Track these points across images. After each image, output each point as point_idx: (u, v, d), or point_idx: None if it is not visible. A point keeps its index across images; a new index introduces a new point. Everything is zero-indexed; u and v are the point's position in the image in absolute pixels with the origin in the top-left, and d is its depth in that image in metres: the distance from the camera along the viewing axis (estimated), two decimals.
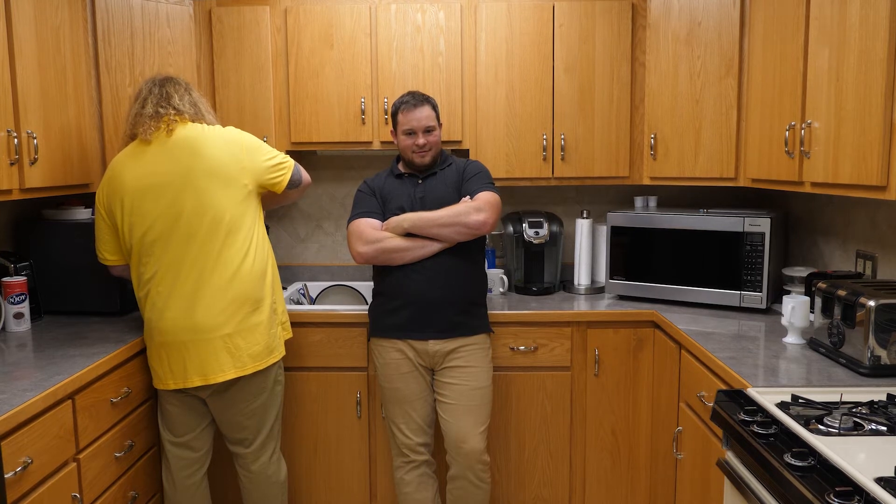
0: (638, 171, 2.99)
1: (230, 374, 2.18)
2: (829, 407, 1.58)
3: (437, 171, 2.48)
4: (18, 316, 2.37)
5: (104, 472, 2.05)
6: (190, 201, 2.14)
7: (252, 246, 2.23)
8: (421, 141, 2.41)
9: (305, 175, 2.43)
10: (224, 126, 2.31)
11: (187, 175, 2.14)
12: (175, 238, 2.15)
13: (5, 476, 1.59)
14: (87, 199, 2.88)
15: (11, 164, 2.13)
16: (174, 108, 2.21)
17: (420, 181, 2.46)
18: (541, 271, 3.11)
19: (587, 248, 3.07)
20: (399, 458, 2.48)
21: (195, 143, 2.17)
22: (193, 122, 2.25)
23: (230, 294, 2.17)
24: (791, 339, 2.19)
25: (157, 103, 2.21)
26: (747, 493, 1.51)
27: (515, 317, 2.72)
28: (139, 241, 2.18)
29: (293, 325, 2.72)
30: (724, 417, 1.66)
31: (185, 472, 2.32)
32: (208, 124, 2.27)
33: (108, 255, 2.34)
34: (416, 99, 2.43)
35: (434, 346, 2.38)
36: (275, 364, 2.31)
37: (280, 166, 2.32)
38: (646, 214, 2.85)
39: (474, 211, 2.31)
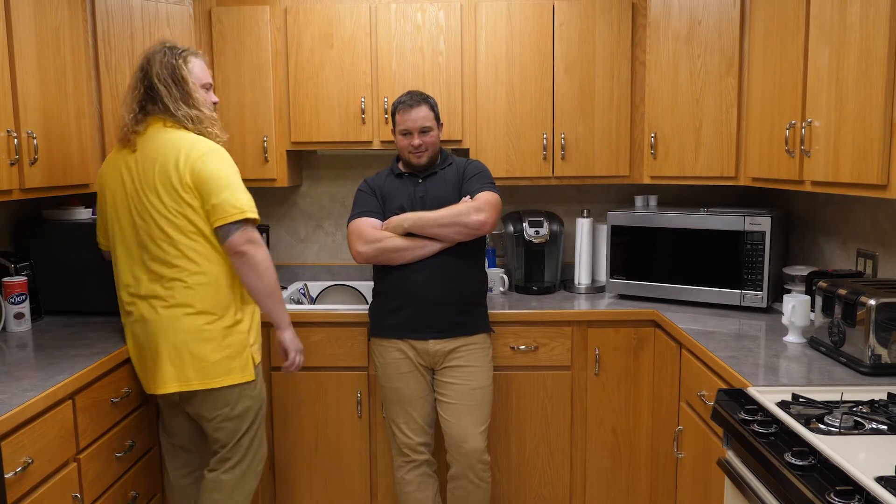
0: (638, 170, 2.99)
1: (171, 388, 2.06)
2: (829, 406, 1.58)
3: (438, 171, 2.47)
4: (19, 316, 2.37)
5: (104, 472, 2.05)
6: (143, 205, 2.05)
7: (207, 258, 2.06)
8: (416, 142, 2.40)
9: (246, 244, 2.05)
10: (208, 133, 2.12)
11: (142, 178, 2.05)
12: (132, 242, 2.08)
13: (6, 476, 1.59)
14: (87, 199, 2.88)
15: (11, 164, 2.13)
16: (141, 109, 2.09)
17: (420, 181, 2.46)
18: (541, 270, 3.11)
19: (587, 247, 3.07)
20: (399, 458, 2.48)
21: (156, 147, 2.05)
22: (165, 122, 2.09)
23: (181, 302, 2.04)
24: (791, 338, 2.19)
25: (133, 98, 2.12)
26: (748, 493, 1.51)
27: (516, 316, 2.72)
28: (111, 240, 2.16)
29: (294, 325, 2.71)
30: (725, 416, 1.66)
31: (181, 472, 2.32)
32: (181, 126, 2.09)
33: (101, 238, 2.29)
34: (414, 99, 2.42)
35: (434, 345, 2.38)
36: (234, 387, 2.12)
37: (218, 207, 2.02)
38: (646, 213, 2.84)
39: (474, 211, 2.31)
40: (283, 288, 3.18)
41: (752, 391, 1.74)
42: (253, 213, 2.06)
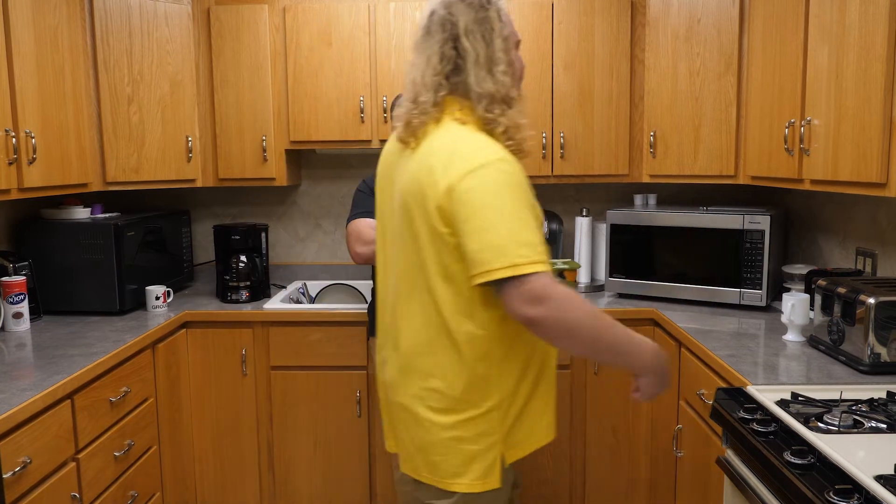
0: (637, 168, 2.99)
1: (390, 447, 1.64)
2: (828, 405, 1.58)
3: None
4: (17, 316, 2.37)
5: (103, 471, 2.05)
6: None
7: (424, 304, 1.45)
8: None
9: (526, 306, 1.30)
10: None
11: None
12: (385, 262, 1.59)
13: (4, 476, 1.58)
14: (86, 199, 2.88)
15: (10, 163, 2.12)
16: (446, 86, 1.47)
17: None
18: None
19: (587, 246, 3.06)
20: None
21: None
22: (461, 105, 1.46)
23: (401, 353, 1.51)
24: (791, 336, 2.19)
25: None
26: (747, 491, 1.51)
27: None
28: None
29: (293, 324, 2.72)
30: (724, 415, 1.66)
31: None
32: (464, 115, 1.45)
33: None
34: None
35: None
36: (449, 498, 1.45)
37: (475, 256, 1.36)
38: (645, 212, 2.84)
39: None
40: (282, 287, 3.17)
41: (752, 390, 1.74)
42: (528, 266, 1.29)
